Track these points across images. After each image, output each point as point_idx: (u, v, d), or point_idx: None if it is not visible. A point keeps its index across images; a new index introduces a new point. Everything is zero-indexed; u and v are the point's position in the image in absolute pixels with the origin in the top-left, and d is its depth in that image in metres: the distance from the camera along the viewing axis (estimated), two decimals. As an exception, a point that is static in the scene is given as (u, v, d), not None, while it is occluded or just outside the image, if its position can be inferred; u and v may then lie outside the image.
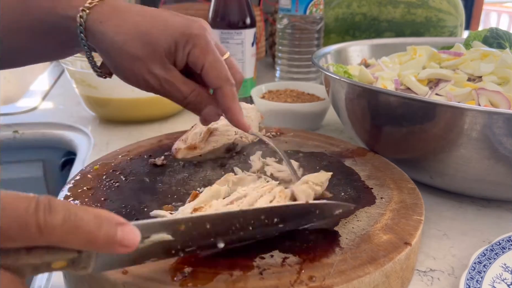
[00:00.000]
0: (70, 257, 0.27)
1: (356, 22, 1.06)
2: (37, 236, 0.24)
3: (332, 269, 0.36)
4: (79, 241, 0.26)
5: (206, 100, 0.48)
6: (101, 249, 0.27)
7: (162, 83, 0.45)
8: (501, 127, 0.45)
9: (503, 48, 0.73)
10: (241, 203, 0.43)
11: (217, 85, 0.46)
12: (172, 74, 0.45)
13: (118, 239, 0.27)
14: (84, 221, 0.26)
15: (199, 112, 0.48)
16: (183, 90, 0.46)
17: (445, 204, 0.57)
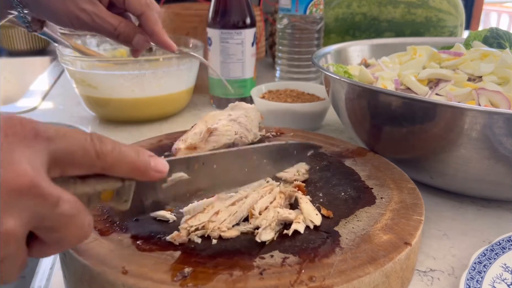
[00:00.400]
0: (116, 186, 0.32)
1: (356, 22, 1.06)
2: (95, 160, 0.29)
3: (332, 269, 0.36)
4: (125, 167, 0.31)
5: (134, 30, 0.54)
6: (140, 175, 0.33)
7: (93, 17, 0.51)
8: (501, 127, 0.45)
9: (503, 48, 0.73)
10: (243, 203, 0.43)
11: (139, 11, 0.52)
12: (100, 8, 0.51)
13: (153, 166, 0.33)
14: (126, 152, 0.31)
15: (130, 42, 0.54)
16: (113, 22, 0.52)
17: (445, 204, 0.57)
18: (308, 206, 0.44)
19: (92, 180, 0.31)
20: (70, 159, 0.28)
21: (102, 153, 0.29)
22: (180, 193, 0.40)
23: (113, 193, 0.33)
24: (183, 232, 0.40)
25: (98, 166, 0.30)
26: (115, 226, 0.42)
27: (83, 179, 0.30)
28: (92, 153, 0.29)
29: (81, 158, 0.29)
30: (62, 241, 0.28)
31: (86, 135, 0.29)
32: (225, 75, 0.88)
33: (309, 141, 0.52)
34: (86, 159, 0.29)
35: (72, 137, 0.28)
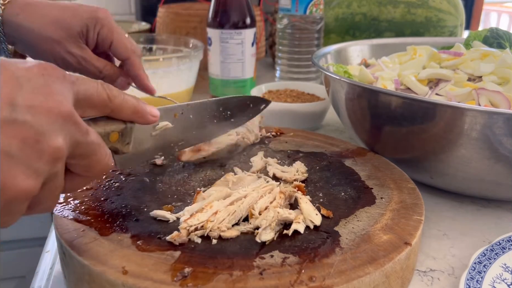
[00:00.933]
0: (120, 128, 0.39)
1: (356, 22, 1.06)
2: (107, 102, 0.35)
3: (332, 269, 0.36)
4: (129, 110, 0.37)
5: (118, 73, 0.56)
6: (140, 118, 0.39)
7: (79, 60, 0.53)
8: (501, 127, 0.45)
9: (503, 48, 0.73)
10: (242, 203, 0.43)
11: (125, 56, 0.55)
12: (87, 52, 0.53)
13: (148, 111, 0.39)
14: (129, 97, 0.37)
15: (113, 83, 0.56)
16: (98, 65, 0.54)
17: (445, 204, 0.57)
18: (308, 206, 0.44)
19: (101, 122, 0.37)
20: (88, 101, 0.33)
21: (112, 96, 0.35)
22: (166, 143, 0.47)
23: (118, 134, 0.39)
24: (183, 232, 0.40)
25: (109, 108, 0.35)
26: (115, 226, 0.42)
27: (94, 121, 0.37)
28: (104, 96, 0.34)
29: (97, 100, 0.34)
30: (90, 169, 0.33)
31: (98, 83, 0.34)
32: (225, 75, 0.88)
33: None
34: (100, 101, 0.34)
35: (88, 82, 0.33)
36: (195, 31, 0.99)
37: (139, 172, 0.53)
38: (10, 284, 1.16)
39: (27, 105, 0.27)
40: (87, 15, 0.52)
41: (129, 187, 0.50)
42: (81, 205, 0.45)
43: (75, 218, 0.43)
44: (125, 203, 0.46)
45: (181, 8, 1.07)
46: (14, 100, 0.27)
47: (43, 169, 0.28)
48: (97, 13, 0.53)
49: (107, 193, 0.48)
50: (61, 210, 0.44)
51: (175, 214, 0.44)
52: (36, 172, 0.27)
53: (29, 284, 0.47)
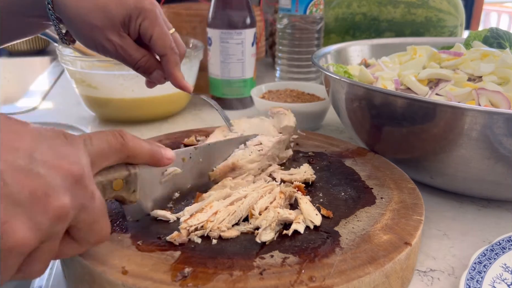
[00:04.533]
0: (124, 174, 0.38)
1: (356, 22, 1.06)
2: (120, 150, 0.35)
3: (332, 269, 0.36)
4: (144, 155, 0.38)
5: (155, 66, 0.56)
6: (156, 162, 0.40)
7: (117, 48, 0.52)
8: (501, 127, 0.45)
9: (503, 48, 0.73)
10: (242, 203, 0.43)
11: (162, 52, 0.54)
12: (126, 41, 0.53)
13: (164, 154, 0.40)
14: (142, 142, 0.38)
15: (148, 75, 0.56)
16: (135, 56, 0.54)
17: (445, 204, 0.57)
18: (308, 206, 0.44)
19: (104, 171, 0.36)
20: (102, 155, 0.34)
21: (125, 144, 0.36)
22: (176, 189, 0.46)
23: (122, 182, 0.38)
24: (183, 232, 0.40)
25: (124, 155, 0.36)
26: (115, 226, 0.42)
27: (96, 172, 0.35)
28: (117, 145, 0.35)
29: (109, 151, 0.34)
30: (90, 237, 0.32)
31: (109, 132, 0.35)
32: (225, 75, 0.88)
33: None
34: (113, 151, 0.35)
35: (99, 137, 0.34)
36: (195, 31, 0.99)
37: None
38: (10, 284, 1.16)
39: (43, 160, 0.27)
40: (133, 5, 0.51)
41: (129, 187, 0.50)
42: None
43: (75, 218, 0.43)
44: (125, 203, 0.46)
45: (181, 8, 1.06)
46: (33, 153, 0.27)
47: (45, 224, 0.27)
48: (142, 3, 0.52)
49: (107, 193, 0.48)
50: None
51: (175, 214, 0.44)
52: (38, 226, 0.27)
53: (29, 284, 0.47)
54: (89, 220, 0.31)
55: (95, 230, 0.32)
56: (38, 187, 0.27)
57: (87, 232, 0.31)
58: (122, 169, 0.38)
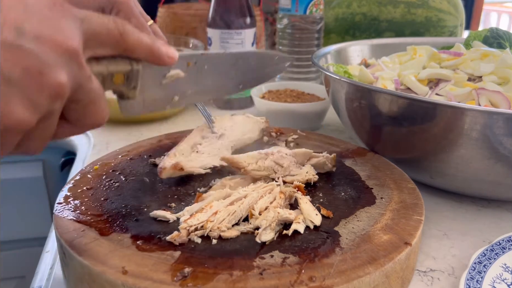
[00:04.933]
0: (126, 69, 0.36)
1: (356, 22, 1.06)
2: (119, 40, 0.32)
3: (332, 269, 0.36)
4: (143, 49, 0.35)
5: None
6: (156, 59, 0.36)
7: None
8: (501, 127, 0.45)
9: (503, 48, 0.73)
10: (242, 203, 0.43)
11: None
12: None
13: (165, 51, 0.36)
14: (144, 36, 0.35)
15: None
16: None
17: (445, 204, 0.57)
18: (308, 206, 0.44)
19: (104, 61, 0.34)
20: (98, 39, 0.31)
21: (124, 33, 0.33)
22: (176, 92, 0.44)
23: (123, 76, 0.37)
24: (183, 232, 0.40)
25: (122, 46, 0.33)
26: (115, 226, 0.42)
27: (97, 60, 0.34)
28: (116, 33, 0.32)
29: (107, 38, 0.32)
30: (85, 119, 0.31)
31: (109, 17, 0.32)
32: (225, 75, 0.87)
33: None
34: (111, 39, 0.32)
35: (99, 19, 0.31)
36: (195, 31, 0.99)
37: (139, 172, 0.53)
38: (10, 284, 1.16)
39: (34, 34, 0.26)
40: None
41: (129, 187, 0.50)
42: (81, 205, 0.45)
43: (75, 218, 0.43)
44: (125, 203, 0.46)
45: (181, 8, 1.07)
46: (21, 26, 0.25)
47: (42, 103, 0.27)
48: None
49: (107, 193, 0.48)
50: (61, 210, 0.44)
51: (175, 214, 0.44)
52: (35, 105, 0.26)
53: (29, 284, 0.47)
54: (86, 100, 0.30)
55: (91, 112, 0.31)
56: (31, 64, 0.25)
57: (83, 113, 0.31)
58: (124, 63, 0.36)
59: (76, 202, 0.46)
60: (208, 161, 0.51)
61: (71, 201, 0.46)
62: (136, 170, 0.54)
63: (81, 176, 0.51)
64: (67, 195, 0.47)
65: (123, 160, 0.56)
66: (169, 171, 0.49)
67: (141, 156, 0.58)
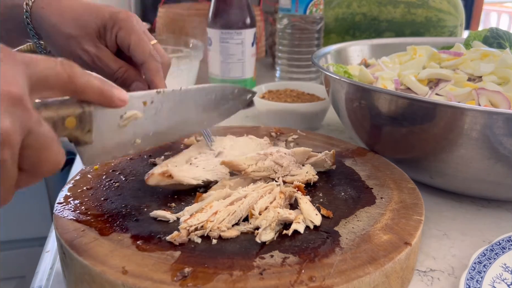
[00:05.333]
0: (77, 112, 0.35)
1: (356, 22, 1.06)
2: (67, 82, 0.32)
3: (332, 269, 0.36)
4: (93, 92, 0.35)
5: (134, 77, 0.54)
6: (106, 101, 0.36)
7: (94, 59, 0.52)
8: (501, 127, 0.45)
9: (503, 48, 0.73)
10: (242, 203, 0.43)
11: (141, 60, 0.52)
12: (102, 52, 0.52)
13: (116, 94, 0.37)
14: (93, 79, 0.35)
15: (127, 87, 0.54)
16: (112, 66, 0.53)
17: (445, 204, 0.57)
18: (308, 206, 0.44)
19: (54, 105, 0.34)
20: (45, 83, 0.31)
21: (73, 76, 0.32)
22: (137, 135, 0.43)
23: (76, 120, 0.36)
24: (183, 232, 0.40)
25: (70, 89, 0.33)
26: (115, 226, 0.42)
27: (45, 104, 0.34)
28: (64, 76, 0.32)
29: (55, 81, 0.32)
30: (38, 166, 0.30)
31: (57, 60, 0.32)
32: (225, 75, 0.88)
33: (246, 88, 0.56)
34: (59, 82, 0.32)
35: (44, 63, 0.31)
36: (195, 31, 0.99)
37: (139, 172, 0.53)
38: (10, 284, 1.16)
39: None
40: (107, 16, 0.51)
41: (129, 187, 0.50)
42: (81, 205, 0.45)
43: (75, 218, 0.43)
44: (125, 203, 0.46)
45: (181, 8, 1.07)
46: None
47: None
48: (117, 15, 0.52)
49: (107, 193, 0.48)
50: (61, 210, 0.44)
51: (175, 214, 0.44)
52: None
53: (29, 284, 0.47)
54: (37, 146, 0.29)
55: (45, 157, 0.30)
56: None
57: (37, 160, 0.30)
58: (75, 106, 0.35)
59: (76, 202, 0.46)
60: (201, 174, 0.50)
61: (71, 201, 0.46)
62: (136, 170, 0.54)
63: (81, 176, 0.51)
64: (67, 195, 0.47)
65: (123, 160, 0.56)
66: (157, 177, 0.47)
67: (141, 156, 0.58)
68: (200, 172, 0.50)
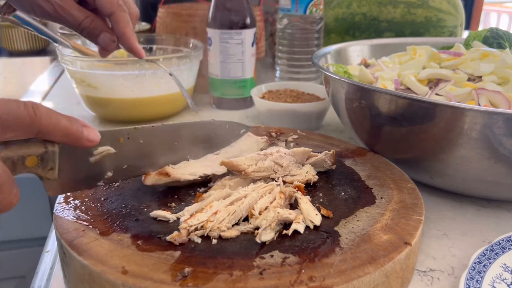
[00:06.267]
0: (39, 152, 0.34)
1: (356, 22, 1.06)
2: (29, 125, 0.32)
3: (332, 269, 0.36)
4: (59, 133, 0.34)
5: (101, 27, 0.50)
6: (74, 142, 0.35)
7: (56, 8, 0.48)
8: (501, 127, 0.45)
9: (503, 48, 0.73)
10: (242, 203, 0.43)
11: (110, 10, 0.49)
12: (65, 0, 0.49)
13: (85, 135, 0.35)
14: (60, 118, 0.34)
15: (95, 39, 0.51)
16: (77, 16, 0.49)
17: (445, 204, 0.57)
18: (307, 206, 0.44)
19: (14, 146, 0.33)
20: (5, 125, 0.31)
21: (36, 117, 0.32)
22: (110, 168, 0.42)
23: (37, 159, 0.35)
24: (183, 232, 0.40)
25: (34, 131, 0.33)
26: (115, 226, 0.42)
27: (6, 144, 0.33)
28: (26, 119, 0.31)
29: (16, 124, 0.31)
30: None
31: (20, 102, 0.31)
32: (225, 75, 0.88)
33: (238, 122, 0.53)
34: (21, 125, 0.31)
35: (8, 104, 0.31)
36: (195, 31, 0.99)
37: (139, 172, 0.53)
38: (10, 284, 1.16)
39: None
40: None
41: (129, 187, 0.50)
42: (81, 205, 0.45)
43: (75, 218, 0.43)
44: (125, 203, 0.46)
45: (181, 8, 1.06)
46: None
47: None
48: None
49: (107, 193, 0.48)
50: (61, 210, 0.44)
51: (175, 214, 0.44)
52: None
53: (29, 284, 0.47)
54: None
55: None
56: None
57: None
58: (37, 146, 0.34)
59: (76, 202, 0.46)
60: (199, 170, 0.49)
61: (71, 201, 0.46)
62: (136, 170, 0.54)
63: (81, 176, 0.51)
64: (67, 195, 0.47)
65: (123, 160, 0.56)
66: (154, 177, 0.47)
67: (141, 156, 0.58)
68: (197, 168, 0.50)
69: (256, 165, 0.49)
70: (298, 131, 0.67)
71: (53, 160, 0.36)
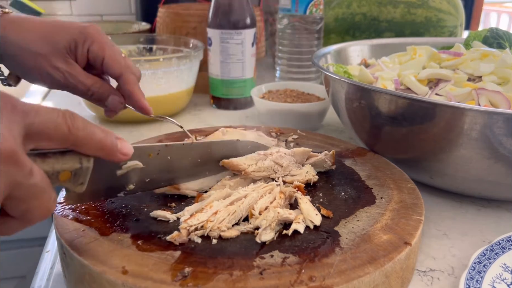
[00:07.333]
0: (74, 167, 0.34)
1: (356, 22, 1.06)
2: (67, 135, 0.31)
3: (332, 269, 0.36)
4: (94, 145, 0.34)
5: (109, 91, 0.52)
6: (107, 155, 0.35)
7: (65, 76, 0.49)
8: (501, 127, 0.45)
9: (503, 48, 0.73)
10: (242, 203, 0.43)
11: (118, 72, 0.50)
12: (74, 68, 0.50)
13: (119, 148, 0.36)
14: (96, 131, 0.34)
15: (103, 102, 0.52)
16: (86, 82, 0.50)
17: (445, 204, 0.57)
18: (307, 206, 0.44)
19: (51, 159, 0.33)
20: (43, 133, 0.30)
21: (73, 128, 0.32)
22: (133, 181, 0.43)
23: (71, 174, 0.35)
24: (183, 232, 0.40)
25: (70, 141, 0.32)
26: (115, 226, 0.42)
27: (43, 157, 0.33)
28: (64, 128, 0.31)
29: (54, 133, 0.31)
30: (28, 214, 0.30)
31: (59, 111, 0.31)
32: (225, 75, 0.88)
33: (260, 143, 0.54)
34: (58, 134, 0.31)
35: (45, 113, 0.30)
36: (195, 31, 0.99)
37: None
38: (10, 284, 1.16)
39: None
40: (76, 31, 0.49)
41: (129, 187, 0.50)
42: (81, 205, 0.45)
43: (75, 218, 0.43)
44: (125, 203, 0.46)
45: (181, 8, 1.07)
46: None
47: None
48: (87, 29, 0.50)
49: (107, 193, 0.48)
50: (61, 210, 0.44)
51: (175, 214, 0.44)
52: None
53: (29, 284, 0.47)
54: (27, 197, 0.29)
55: (35, 206, 0.30)
56: None
57: (26, 209, 0.30)
58: (73, 161, 0.34)
59: (76, 202, 0.46)
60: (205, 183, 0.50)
61: (71, 201, 0.46)
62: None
63: (81, 176, 0.51)
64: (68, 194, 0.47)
65: (123, 160, 0.56)
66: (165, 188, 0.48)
67: (141, 156, 0.58)
68: (206, 183, 0.49)
69: (256, 165, 0.49)
70: (298, 131, 0.67)
71: (85, 176, 0.36)
